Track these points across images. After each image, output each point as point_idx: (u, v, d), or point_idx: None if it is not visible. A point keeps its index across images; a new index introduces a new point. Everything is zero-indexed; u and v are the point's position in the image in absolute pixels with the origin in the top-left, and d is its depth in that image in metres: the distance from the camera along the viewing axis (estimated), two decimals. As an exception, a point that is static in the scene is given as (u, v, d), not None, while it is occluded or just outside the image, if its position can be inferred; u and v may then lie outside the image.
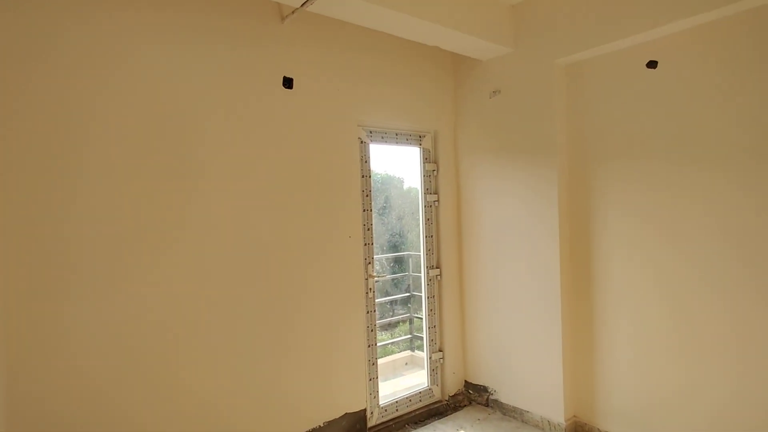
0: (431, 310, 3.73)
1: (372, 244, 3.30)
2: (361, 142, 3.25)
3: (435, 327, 3.75)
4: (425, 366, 3.78)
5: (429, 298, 3.72)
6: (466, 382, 3.83)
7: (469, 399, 3.79)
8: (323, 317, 2.99)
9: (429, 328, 3.72)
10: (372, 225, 3.30)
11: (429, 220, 3.71)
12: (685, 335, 2.68)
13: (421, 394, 3.63)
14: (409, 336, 5.09)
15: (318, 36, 2.97)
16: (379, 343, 3.56)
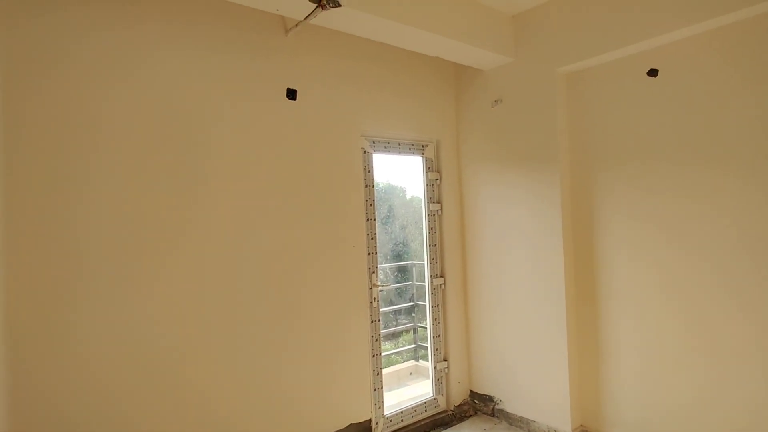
0: (435, 319, 3.72)
1: (376, 253, 3.30)
2: (364, 152, 3.27)
3: (439, 336, 3.73)
4: (430, 376, 3.75)
5: (433, 307, 3.71)
6: (471, 391, 3.80)
7: (475, 409, 3.76)
8: (328, 327, 2.99)
9: (433, 337, 3.71)
10: (375, 234, 3.30)
11: (432, 228, 3.71)
12: (699, 342, 2.62)
13: (426, 404, 3.60)
14: (414, 346, 5.07)
15: (321, 48, 3.01)
16: (383, 353, 3.55)
